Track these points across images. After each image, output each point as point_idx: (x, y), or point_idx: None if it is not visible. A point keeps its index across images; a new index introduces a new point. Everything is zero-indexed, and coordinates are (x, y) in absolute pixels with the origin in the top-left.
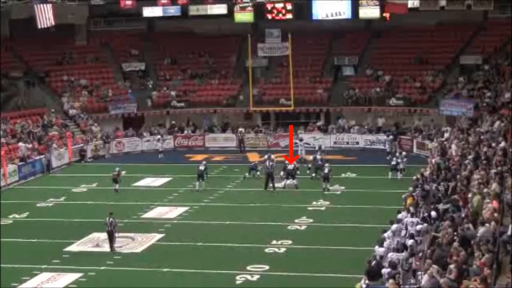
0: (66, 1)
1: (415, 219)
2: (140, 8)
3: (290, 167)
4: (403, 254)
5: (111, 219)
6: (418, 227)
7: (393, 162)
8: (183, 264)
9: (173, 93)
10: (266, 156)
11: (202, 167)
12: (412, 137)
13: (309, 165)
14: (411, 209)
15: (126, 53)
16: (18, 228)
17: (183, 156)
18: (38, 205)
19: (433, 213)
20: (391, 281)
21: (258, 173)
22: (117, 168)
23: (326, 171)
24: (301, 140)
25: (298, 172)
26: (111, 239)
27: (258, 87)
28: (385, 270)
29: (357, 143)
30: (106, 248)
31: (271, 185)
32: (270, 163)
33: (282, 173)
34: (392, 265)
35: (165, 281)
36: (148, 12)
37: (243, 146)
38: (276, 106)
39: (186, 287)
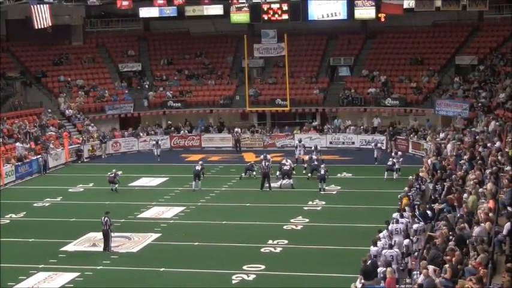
0: (63, 2)
1: (410, 219)
2: (136, 8)
3: (286, 167)
4: (396, 250)
5: (106, 218)
6: (414, 226)
7: (389, 163)
8: (180, 263)
9: (169, 93)
10: (262, 156)
11: (198, 167)
12: (407, 137)
13: (305, 165)
14: (407, 209)
15: (123, 54)
16: (15, 228)
17: (180, 156)
18: (35, 205)
19: (429, 213)
20: (389, 269)
21: (254, 173)
22: (113, 170)
23: (322, 172)
24: (300, 141)
25: (293, 172)
26: (107, 239)
27: (254, 87)
28: (380, 270)
29: (353, 143)
30: (102, 247)
31: (267, 185)
32: (266, 163)
33: (277, 173)
34: (387, 264)
35: (161, 281)
36: (145, 12)
37: (239, 146)
38: (272, 106)
39: (182, 287)
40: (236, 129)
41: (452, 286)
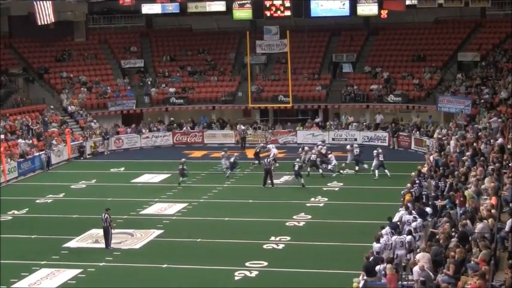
0: None
1: (412, 216)
2: (139, 5)
3: (313, 156)
4: (404, 235)
5: (106, 215)
6: (413, 224)
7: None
8: (182, 260)
9: (172, 90)
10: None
11: (232, 159)
12: (410, 133)
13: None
14: (409, 205)
15: (125, 50)
16: (18, 224)
17: (182, 152)
18: (37, 201)
19: (429, 210)
20: (388, 265)
21: (257, 162)
22: (182, 159)
23: (296, 168)
24: (323, 141)
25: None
26: (107, 235)
27: (257, 84)
28: (379, 267)
29: (355, 139)
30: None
31: (269, 181)
32: (267, 159)
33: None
34: (389, 261)
35: (163, 277)
36: (147, 9)
37: (244, 143)
38: (274, 103)
39: (184, 283)
40: (242, 127)
41: (454, 283)
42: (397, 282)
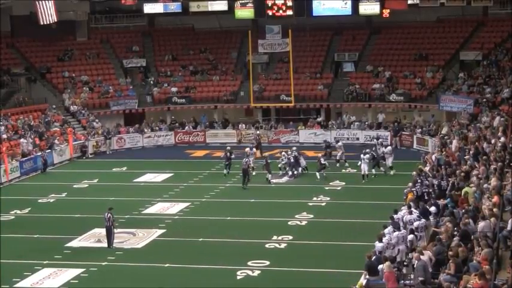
0: None
1: (414, 215)
2: (141, 4)
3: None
4: (405, 230)
5: (109, 214)
6: (415, 223)
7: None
8: (184, 259)
9: (174, 89)
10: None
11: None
12: (412, 132)
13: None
14: (411, 204)
15: (127, 49)
16: (20, 224)
17: (184, 152)
18: (40, 201)
19: (433, 209)
20: (386, 263)
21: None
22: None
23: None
24: (377, 138)
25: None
26: (109, 235)
27: (259, 83)
28: (381, 267)
29: (357, 138)
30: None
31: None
32: (245, 159)
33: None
34: (391, 260)
35: (166, 276)
36: (149, 8)
37: (261, 147)
38: (276, 102)
39: (186, 282)
40: (258, 132)
41: (457, 282)
42: (396, 280)
